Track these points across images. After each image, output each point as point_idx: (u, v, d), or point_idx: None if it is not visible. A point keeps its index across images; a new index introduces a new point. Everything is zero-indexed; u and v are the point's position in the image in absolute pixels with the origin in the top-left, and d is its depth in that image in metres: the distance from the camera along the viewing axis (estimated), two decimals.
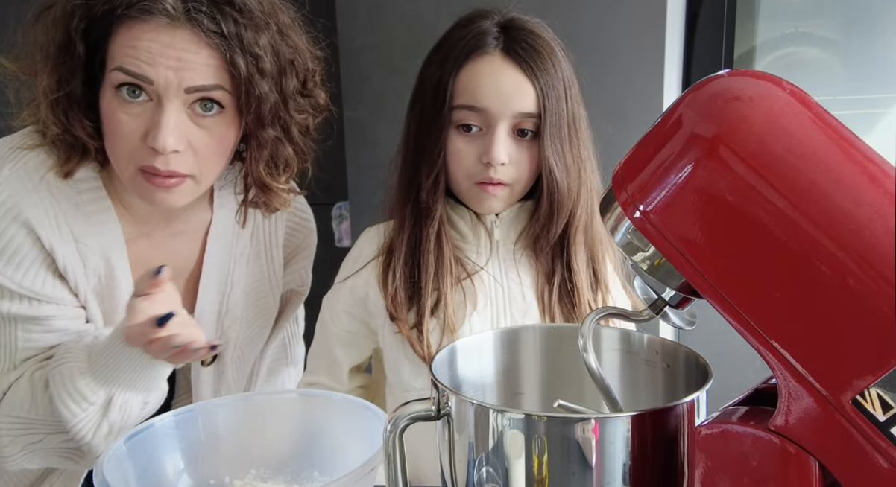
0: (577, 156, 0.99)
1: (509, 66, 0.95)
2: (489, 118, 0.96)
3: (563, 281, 1.02)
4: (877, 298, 0.38)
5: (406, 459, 0.58)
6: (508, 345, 0.68)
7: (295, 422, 0.84)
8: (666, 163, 0.45)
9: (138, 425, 0.75)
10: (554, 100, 0.96)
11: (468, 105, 0.96)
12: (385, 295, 1.03)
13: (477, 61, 0.96)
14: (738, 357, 0.89)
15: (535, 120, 0.96)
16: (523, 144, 0.97)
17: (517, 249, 1.04)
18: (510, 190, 0.98)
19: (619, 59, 1.60)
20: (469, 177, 0.98)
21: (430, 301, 1.01)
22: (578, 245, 1.02)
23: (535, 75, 0.95)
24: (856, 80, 1.63)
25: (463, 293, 1.01)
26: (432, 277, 1.01)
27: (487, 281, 1.03)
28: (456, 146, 0.98)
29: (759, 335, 0.43)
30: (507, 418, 0.51)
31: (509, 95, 0.94)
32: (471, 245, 1.04)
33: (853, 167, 0.41)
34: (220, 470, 0.79)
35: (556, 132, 0.96)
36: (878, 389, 0.39)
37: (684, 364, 0.61)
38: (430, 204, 1.00)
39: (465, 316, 1.00)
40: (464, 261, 1.03)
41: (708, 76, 0.46)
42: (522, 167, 0.97)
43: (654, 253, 0.47)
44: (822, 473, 0.42)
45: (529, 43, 0.96)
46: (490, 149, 0.95)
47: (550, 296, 1.02)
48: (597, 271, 1.04)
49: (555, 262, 1.03)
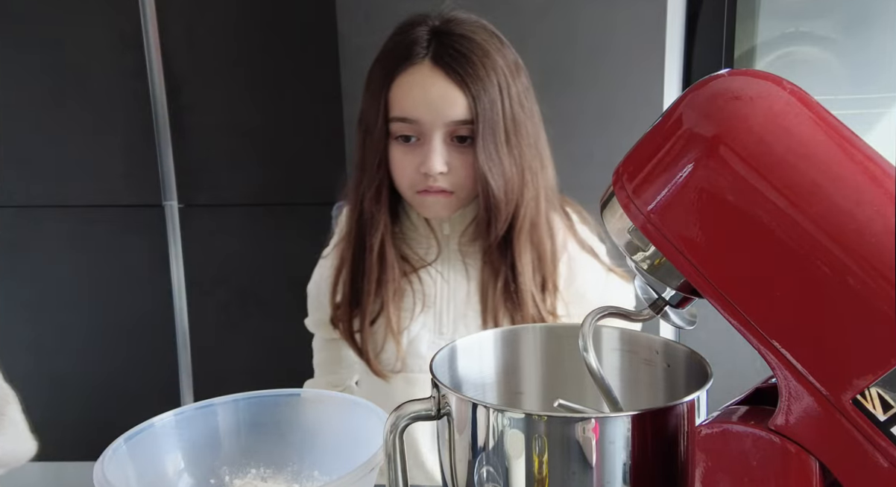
0: (517, 159, 0.98)
1: (438, 76, 0.95)
2: (423, 129, 0.96)
3: (506, 282, 1.01)
4: (877, 297, 0.38)
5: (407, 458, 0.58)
6: (509, 345, 0.68)
7: (295, 422, 0.84)
8: (666, 162, 0.45)
9: (138, 424, 0.75)
10: (486, 105, 0.94)
11: (401, 117, 0.97)
12: (331, 304, 1.06)
13: (408, 72, 0.96)
14: (739, 356, 0.89)
15: (470, 126, 0.95)
16: (462, 151, 0.97)
17: (464, 244, 1.04)
18: (455, 196, 0.99)
19: (619, 59, 1.60)
20: (411, 186, 0.99)
21: (373, 308, 1.02)
22: (523, 246, 1.01)
23: (464, 82, 0.94)
24: (856, 79, 1.63)
25: (412, 292, 1.02)
26: (374, 287, 1.02)
27: (435, 276, 1.04)
28: (396, 157, 0.98)
29: (759, 334, 0.43)
30: (508, 417, 0.51)
31: (439, 105, 0.94)
32: (420, 237, 1.05)
33: (854, 167, 0.41)
34: (221, 470, 0.79)
35: (489, 138, 0.95)
36: (878, 388, 0.39)
37: (684, 363, 0.61)
38: (374, 213, 1.01)
39: (411, 317, 1.02)
40: (409, 256, 1.04)
41: (708, 76, 0.46)
42: (462, 173, 0.97)
43: (654, 252, 0.47)
44: (822, 472, 0.42)
45: (458, 49, 0.95)
46: (426, 160, 0.95)
47: (494, 296, 1.01)
48: (544, 272, 1.03)
49: (499, 263, 1.02)
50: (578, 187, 1.60)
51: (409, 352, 1.03)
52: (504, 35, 1.03)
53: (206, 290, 2.19)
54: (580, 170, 1.63)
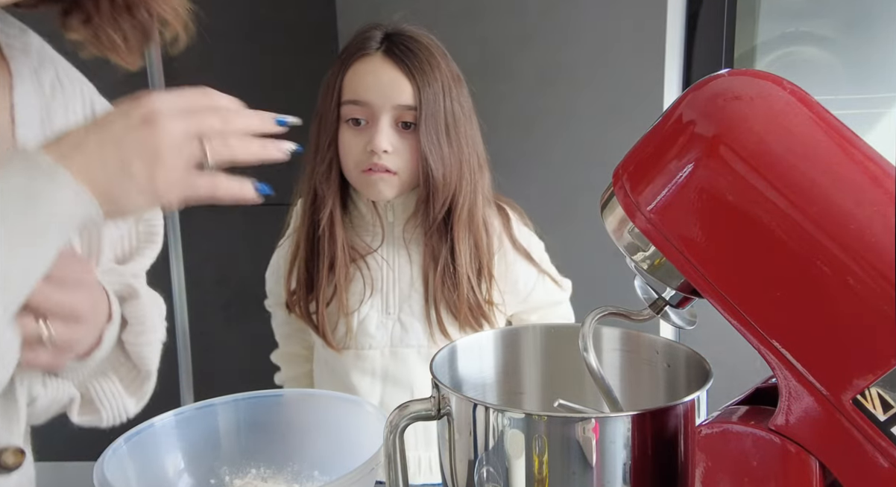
0: (455, 150, 1.08)
1: (388, 64, 1.06)
2: (372, 111, 1.06)
3: (446, 264, 1.11)
4: (877, 297, 0.38)
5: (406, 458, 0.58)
6: (509, 345, 0.68)
7: (295, 422, 0.84)
8: (666, 162, 0.45)
9: (138, 425, 0.75)
10: (430, 94, 1.05)
11: (353, 100, 1.07)
12: (286, 289, 1.16)
13: (361, 61, 1.07)
14: (739, 356, 0.89)
15: (414, 112, 1.06)
16: (406, 135, 1.07)
17: (407, 231, 1.13)
18: (398, 178, 1.08)
19: (619, 59, 1.60)
20: (357, 165, 1.07)
21: (326, 292, 1.12)
22: (461, 231, 1.10)
23: (410, 72, 1.05)
24: (856, 79, 1.63)
25: (361, 277, 1.12)
26: (326, 272, 1.12)
27: (381, 263, 1.14)
28: (345, 138, 1.08)
29: (759, 334, 0.43)
30: (508, 417, 0.51)
31: (388, 89, 1.05)
32: (367, 225, 1.14)
33: (854, 166, 0.41)
34: (221, 470, 0.79)
35: (432, 123, 1.06)
36: (878, 388, 0.39)
37: (685, 363, 0.61)
38: (324, 192, 1.10)
39: (360, 301, 1.12)
40: (356, 244, 1.13)
41: (708, 76, 0.46)
42: (406, 156, 1.07)
43: (654, 252, 0.47)
44: (822, 472, 0.42)
45: (407, 45, 1.07)
46: (373, 139, 1.05)
47: (434, 278, 1.11)
48: (481, 259, 1.12)
49: (439, 246, 1.11)
50: (578, 187, 1.60)
51: (360, 331, 1.13)
52: (505, 34, 1.05)
53: (206, 290, 2.19)
54: (580, 170, 1.64)
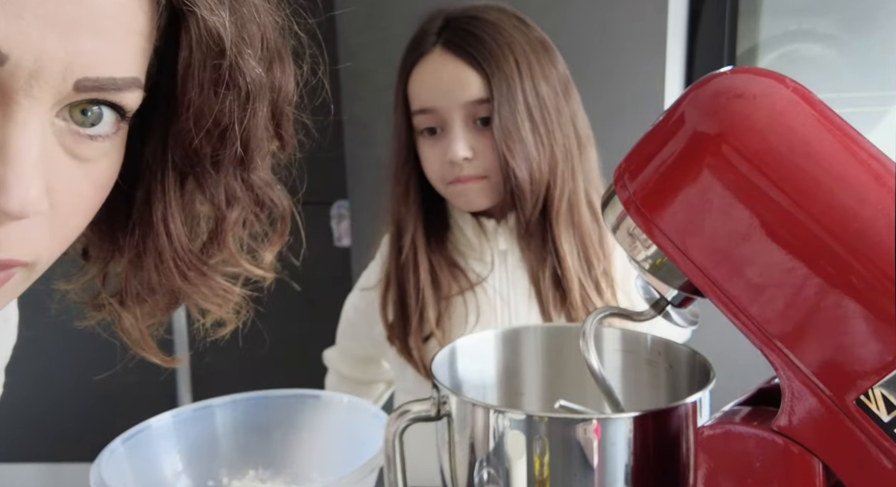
0: (542, 137, 0.92)
1: (449, 59, 0.93)
2: (442, 115, 0.94)
3: (553, 271, 0.96)
4: (881, 297, 0.38)
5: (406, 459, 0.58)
6: (509, 345, 0.68)
7: (295, 423, 0.83)
8: (668, 161, 0.44)
9: (136, 426, 0.75)
10: (503, 80, 0.90)
11: (420, 109, 0.95)
12: (385, 325, 1.02)
13: (421, 64, 0.95)
14: (741, 357, 0.89)
15: (489, 105, 0.92)
16: (486, 133, 0.93)
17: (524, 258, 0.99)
18: (488, 182, 0.95)
19: (619, 58, 1.59)
20: (441, 179, 0.96)
21: (423, 328, 0.98)
22: (563, 228, 0.95)
23: (476, 61, 0.91)
24: (859, 77, 1.62)
25: (465, 305, 0.97)
26: (415, 303, 0.97)
27: (491, 294, 0.98)
28: (424, 152, 0.96)
29: (761, 334, 0.42)
30: (508, 419, 0.51)
31: (452, 88, 0.92)
32: (475, 253, 1.01)
33: (857, 165, 0.41)
34: (219, 471, 0.79)
35: (508, 115, 0.90)
36: (882, 389, 0.38)
37: (687, 364, 0.60)
38: (403, 215, 0.98)
39: (464, 333, 0.97)
40: (466, 271, 0.99)
41: (710, 73, 0.46)
42: (491, 156, 0.93)
43: (656, 251, 0.47)
44: (825, 474, 0.41)
45: (468, 29, 0.92)
46: (449, 148, 0.92)
47: (543, 288, 0.96)
48: (590, 256, 0.97)
49: (542, 250, 0.97)
50: None
51: None
52: None
53: None
54: None
